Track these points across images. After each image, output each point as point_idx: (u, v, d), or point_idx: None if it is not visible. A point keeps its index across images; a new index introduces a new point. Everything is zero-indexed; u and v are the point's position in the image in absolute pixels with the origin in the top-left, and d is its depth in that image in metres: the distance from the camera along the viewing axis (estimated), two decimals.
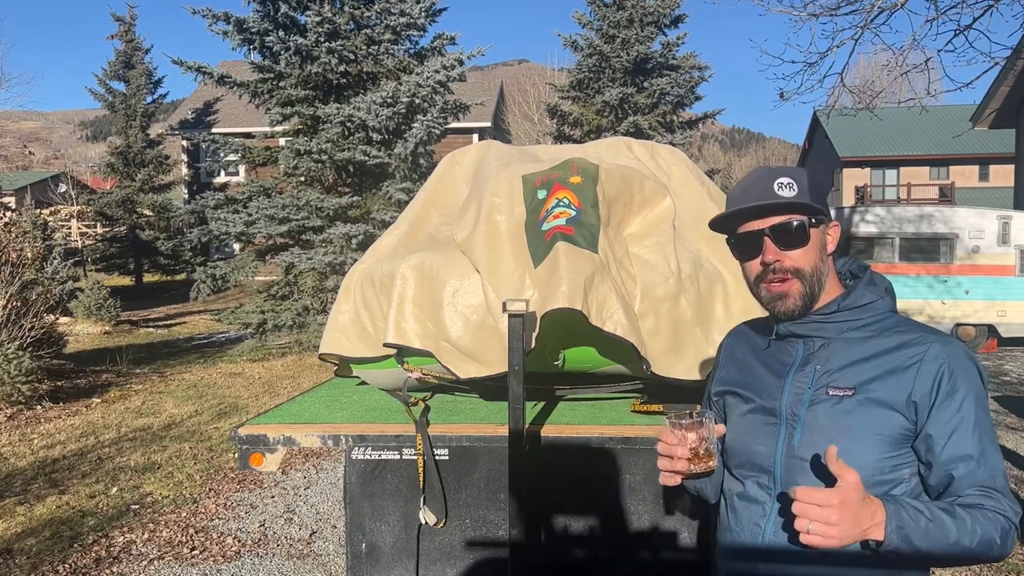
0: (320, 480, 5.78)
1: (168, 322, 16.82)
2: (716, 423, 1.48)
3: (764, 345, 1.54)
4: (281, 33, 11.23)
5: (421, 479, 2.59)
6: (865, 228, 12.00)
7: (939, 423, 1.33)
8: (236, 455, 3.46)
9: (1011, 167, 18.19)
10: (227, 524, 4.89)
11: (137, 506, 5.17)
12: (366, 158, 11.16)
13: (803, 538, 1.23)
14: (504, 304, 2.33)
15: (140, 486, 5.57)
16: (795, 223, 1.40)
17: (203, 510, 5.12)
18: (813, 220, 1.41)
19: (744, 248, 1.46)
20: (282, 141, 12.35)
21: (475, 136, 22.35)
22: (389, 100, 11.12)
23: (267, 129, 12.53)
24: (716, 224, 1.51)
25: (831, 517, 1.20)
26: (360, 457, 2.68)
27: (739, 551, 1.48)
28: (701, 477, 1.48)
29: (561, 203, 2.62)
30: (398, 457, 2.66)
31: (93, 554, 4.38)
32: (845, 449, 1.28)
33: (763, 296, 1.45)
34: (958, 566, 1.36)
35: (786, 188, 1.40)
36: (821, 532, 1.21)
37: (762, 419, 1.46)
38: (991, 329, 11.80)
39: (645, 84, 16.36)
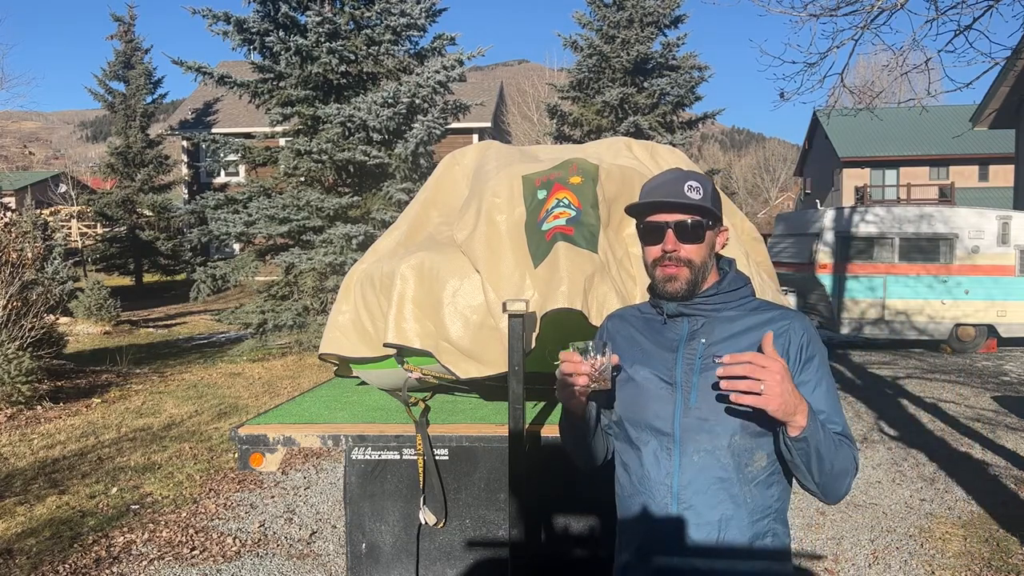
0: (320, 480, 5.78)
1: (168, 322, 16.82)
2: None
3: (648, 326, 1.75)
4: (281, 33, 11.23)
5: (421, 479, 2.59)
6: (865, 228, 12.00)
7: (803, 382, 1.59)
8: (236, 455, 3.46)
9: (1011, 167, 18.19)
10: (227, 524, 4.89)
11: (137, 506, 5.17)
12: (366, 158, 11.16)
13: (749, 400, 1.45)
14: (504, 304, 2.34)
15: (140, 486, 5.57)
16: (694, 222, 1.65)
17: (203, 510, 5.12)
18: (709, 223, 1.67)
19: (649, 235, 1.68)
20: (282, 141, 12.35)
21: (475, 136, 22.36)
22: (389, 100, 11.12)
23: (267, 129, 12.53)
24: (630, 210, 1.74)
25: (775, 375, 1.44)
26: (360, 457, 2.68)
27: (652, 510, 1.69)
28: (599, 395, 1.69)
29: (561, 203, 2.62)
30: (398, 457, 2.66)
31: (93, 554, 4.38)
32: (730, 406, 1.53)
33: (657, 276, 1.68)
34: (821, 482, 1.56)
35: (694, 191, 1.65)
36: (759, 389, 1.44)
37: (657, 387, 1.67)
38: (991, 329, 11.79)
39: (645, 84, 16.36)
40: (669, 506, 1.64)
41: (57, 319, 10.37)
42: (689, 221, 1.64)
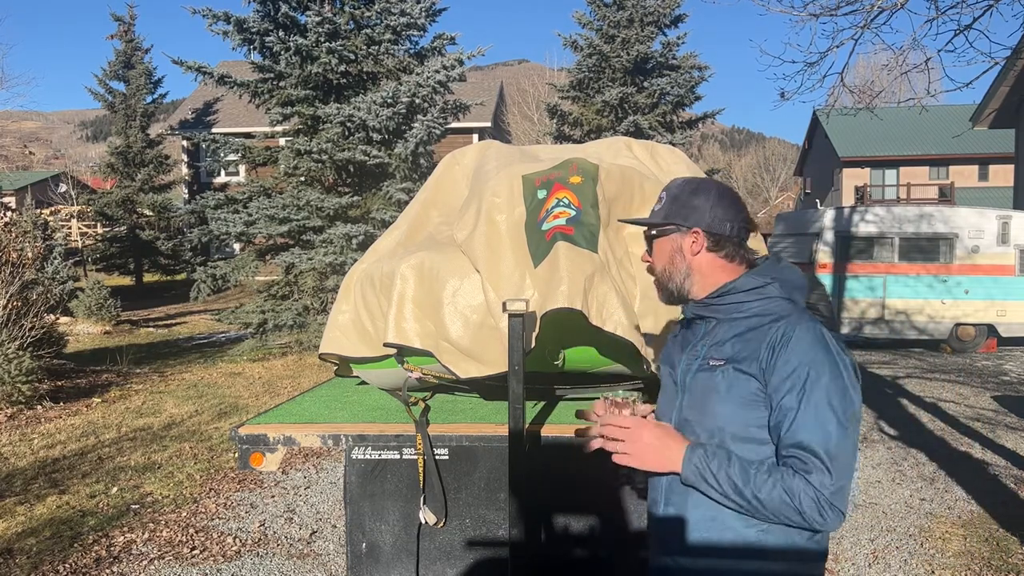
0: (320, 480, 5.78)
1: (168, 322, 16.82)
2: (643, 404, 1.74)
3: (684, 328, 1.81)
4: (281, 33, 11.23)
5: (421, 479, 2.59)
6: (865, 228, 12.00)
7: (774, 385, 1.52)
8: (236, 455, 3.46)
9: (1011, 167, 18.18)
10: (227, 524, 4.89)
11: (137, 506, 5.17)
12: (366, 158, 11.16)
13: (617, 458, 1.59)
14: (504, 304, 2.34)
15: (140, 486, 5.58)
16: (646, 236, 1.78)
17: (203, 510, 5.13)
18: (653, 232, 1.74)
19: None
20: (282, 141, 12.35)
21: (475, 136, 22.35)
22: (389, 100, 11.11)
23: (267, 129, 12.53)
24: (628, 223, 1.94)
25: (622, 435, 1.57)
26: (360, 457, 2.69)
27: (651, 502, 1.74)
28: None
29: (561, 203, 2.62)
30: (398, 457, 2.66)
31: (93, 554, 4.38)
32: (714, 410, 1.58)
33: None
34: (777, 521, 1.49)
35: (658, 203, 1.75)
36: (621, 449, 1.58)
37: (669, 387, 1.76)
38: (991, 329, 11.79)
39: (645, 84, 16.36)
40: (659, 504, 1.68)
41: (57, 319, 10.37)
42: (645, 235, 1.78)
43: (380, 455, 2.67)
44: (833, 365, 1.50)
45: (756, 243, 3.45)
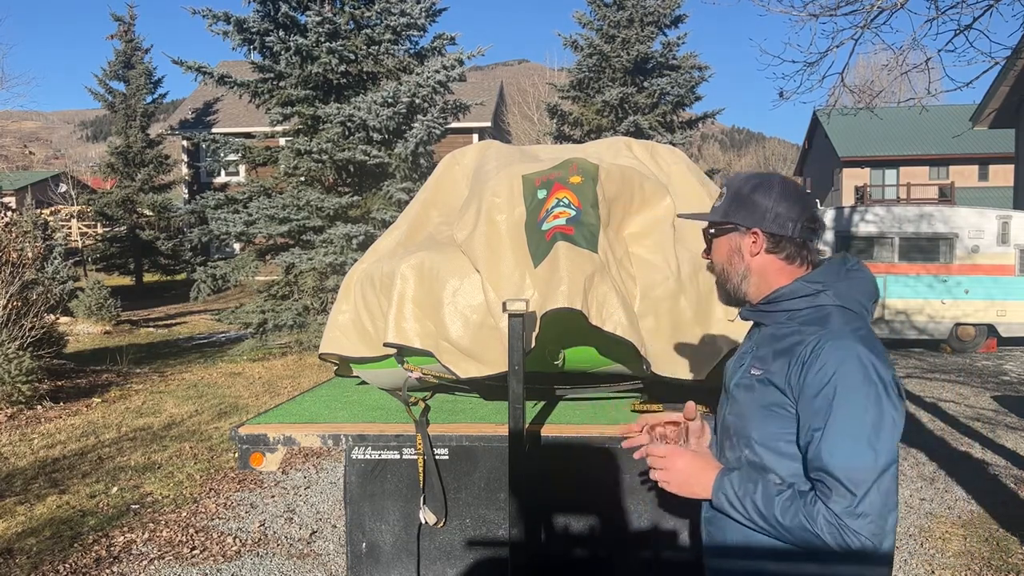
0: (320, 480, 5.78)
1: (168, 322, 16.82)
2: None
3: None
4: (281, 33, 11.23)
5: (421, 479, 2.59)
6: (865, 228, 12.00)
7: (803, 405, 1.47)
8: (236, 455, 3.46)
9: (1011, 167, 18.18)
10: (227, 524, 4.89)
11: (137, 506, 5.17)
12: (366, 158, 11.16)
13: (660, 484, 1.64)
14: (504, 304, 2.34)
15: (140, 486, 5.58)
16: (704, 233, 1.73)
17: (203, 510, 5.13)
18: (713, 231, 1.69)
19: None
20: (282, 141, 12.35)
21: (475, 136, 22.35)
22: (389, 100, 11.11)
23: (267, 129, 12.53)
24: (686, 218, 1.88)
25: (659, 463, 1.63)
26: (360, 457, 2.69)
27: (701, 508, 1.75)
28: None
29: (561, 203, 2.62)
30: (398, 457, 2.66)
31: (93, 554, 4.38)
32: (748, 420, 1.58)
33: None
34: (801, 546, 1.44)
35: (719, 198, 1.69)
36: (660, 477, 1.63)
37: (722, 393, 1.77)
38: (991, 329, 11.79)
39: (645, 84, 16.35)
40: (703, 506, 1.70)
41: (57, 319, 10.37)
42: (703, 232, 1.73)
43: (380, 455, 2.67)
44: (866, 384, 1.42)
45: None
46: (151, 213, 23.56)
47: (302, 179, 11.61)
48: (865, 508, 1.37)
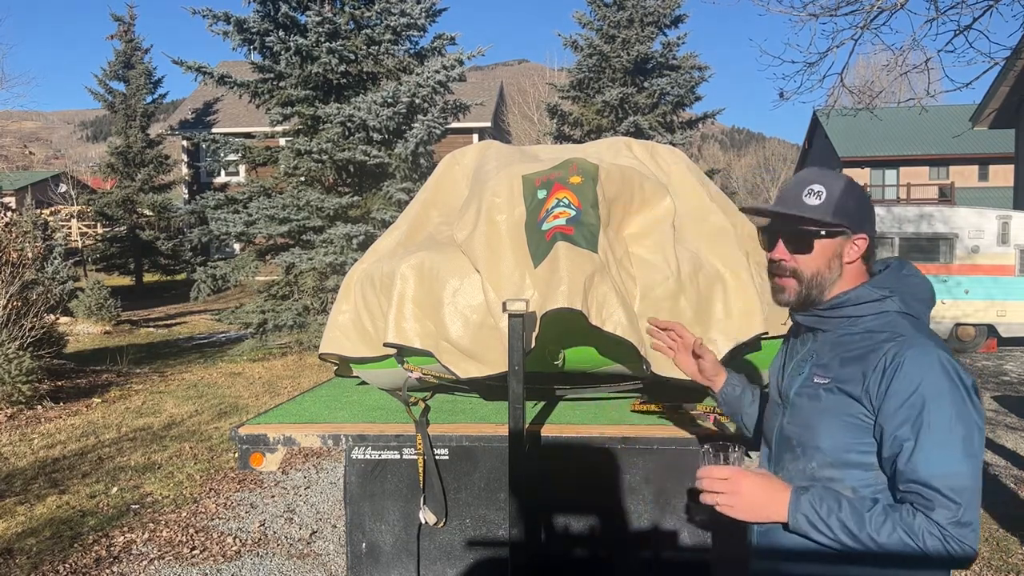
0: (320, 480, 5.78)
1: (168, 322, 16.82)
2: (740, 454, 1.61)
3: (793, 336, 1.74)
4: (281, 33, 11.23)
5: (421, 479, 2.59)
6: None
7: (887, 414, 1.41)
8: (236, 455, 3.46)
9: (1011, 167, 18.18)
10: (227, 524, 4.89)
11: (137, 506, 5.17)
12: (366, 158, 11.16)
13: (719, 509, 1.48)
14: (504, 304, 2.34)
15: (140, 486, 5.58)
16: (805, 233, 1.54)
17: (203, 510, 5.13)
18: (823, 232, 1.53)
19: (764, 241, 1.64)
20: (282, 141, 12.35)
21: (475, 136, 22.35)
22: (389, 100, 11.11)
23: (267, 129, 12.53)
24: (747, 213, 1.70)
25: (722, 487, 1.46)
26: (360, 457, 2.69)
27: None
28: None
29: (561, 203, 2.62)
30: (398, 457, 2.66)
31: (93, 554, 4.38)
32: (816, 431, 1.51)
33: (771, 285, 1.63)
34: (895, 563, 1.39)
35: (814, 196, 1.53)
36: (723, 502, 1.47)
37: (774, 401, 1.70)
38: (991, 329, 11.79)
39: (645, 84, 16.36)
40: None
41: (57, 319, 10.37)
42: (799, 230, 1.54)
43: (380, 455, 2.67)
44: (953, 391, 1.38)
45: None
46: (151, 213, 23.56)
47: (302, 179, 11.61)
48: (970, 517, 1.34)
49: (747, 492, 1.46)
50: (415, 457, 2.61)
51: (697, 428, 2.57)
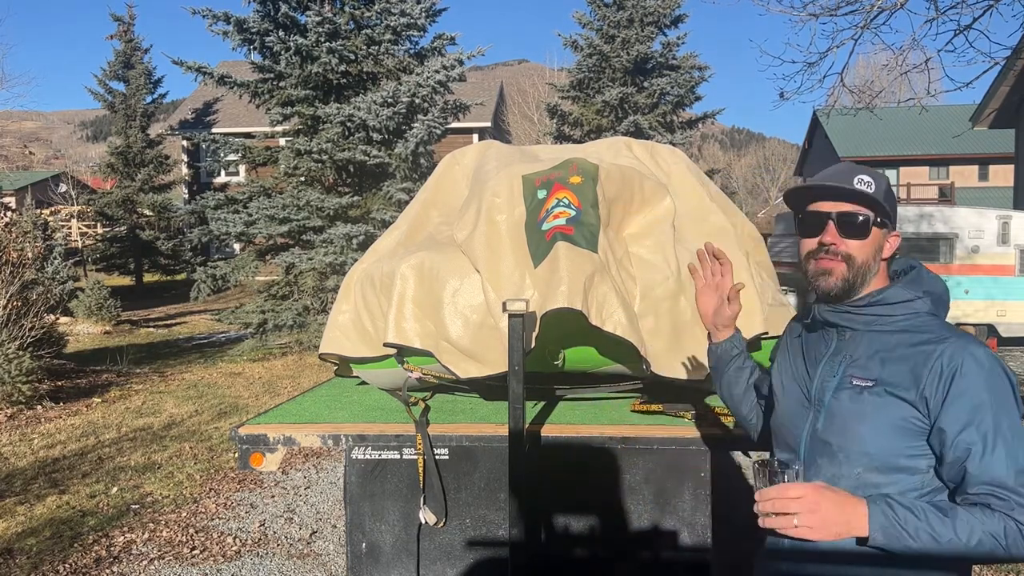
0: (320, 480, 5.78)
1: (168, 322, 16.82)
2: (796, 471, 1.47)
3: (806, 332, 1.65)
4: (281, 33, 11.23)
5: (421, 479, 2.59)
6: None
7: (950, 417, 1.38)
8: (236, 455, 3.47)
9: (1011, 167, 18.18)
10: (227, 524, 4.89)
11: (137, 506, 5.17)
12: (366, 158, 11.16)
13: (792, 532, 1.35)
14: (504, 304, 2.34)
15: (140, 486, 5.58)
16: (861, 216, 1.50)
17: (203, 510, 5.13)
18: (878, 219, 1.51)
19: (809, 225, 1.54)
20: (282, 141, 12.35)
21: (475, 136, 22.35)
22: (389, 100, 11.12)
23: (267, 129, 12.53)
24: (791, 197, 1.60)
25: (809, 505, 1.33)
26: (360, 457, 2.69)
27: None
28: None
29: (561, 203, 2.62)
30: (398, 457, 2.66)
31: (93, 554, 4.38)
32: (861, 435, 1.44)
33: (809, 270, 1.54)
34: (975, 563, 1.43)
35: (865, 184, 1.50)
36: (803, 523, 1.33)
37: (797, 403, 1.59)
38: (991, 329, 11.78)
39: (645, 84, 16.36)
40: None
41: (57, 319, 10.37)
42: (854, 213, 1.49)
43: (380, 455, 2.67)
44: (1011, 391, 1.39)
45: (759, 246, 3.45)
46: (151, 213, 23.56)
47: (302, 179, 11.61)
48: None
49: (827, 509, 1.34)
50: (415, 457, 2.61)
51: (697, 428, 2.57)
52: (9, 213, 12.49)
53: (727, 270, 1.81)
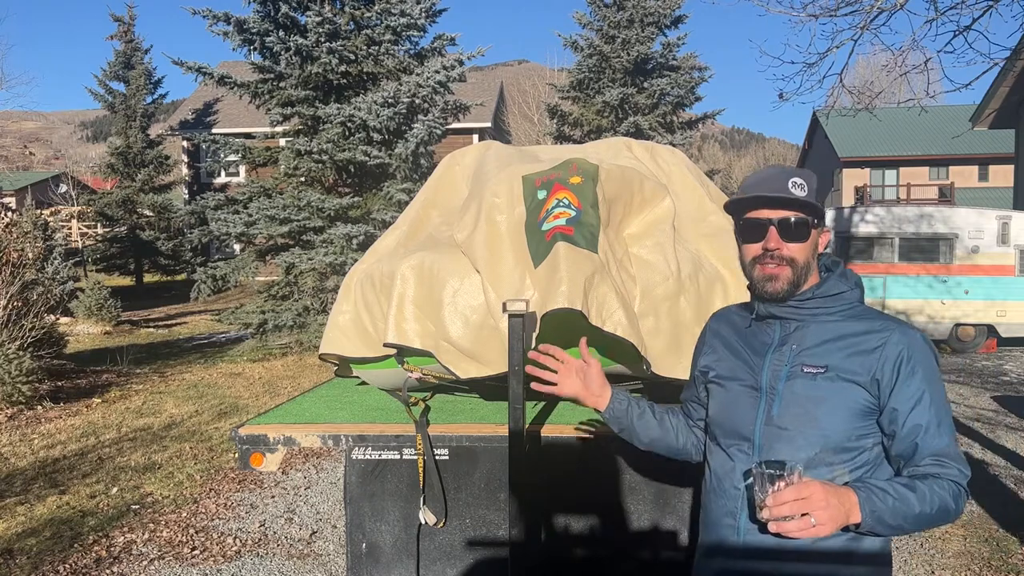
0: (320, 480, 5.78)
1: (168, 322, 16.82)
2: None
3: (745, 326, 1.74)
4: (281, 33, 11.23)
5: (421, 479, 2.59)
6: (865, 228, 12.00)
7: (902, 398, 1.53)
8: (236, 455, 3.47)
9: (1011, 167, 18.19)
10: (227, 524, 4.89)
11: (137, 506, 5.17)
12: (367, 158, 11.16)
13: (809, 532, 1.40)
14: (504, 304, 2.34)
15: (140, 486, 5.58)
16: (799, 220, 1.59)
17: (203, 510, 5.13)
18: (814, 221, 1.61)
19: (750, 232, 1.64)
20: (282, 141, 12.36)
21: (475, 136, 22.35)
22: (390, 100, 11.12)
23: (267, 129, 12.53)
24: (730, 206, 1.68)
25: (819, 503, 1.39)
26: (360, 457, 2.69)
27: (723, 513, 1.66)
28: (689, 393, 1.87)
29: (561, 203, 2.62)
30: (398, 457, 2.66)
31: (93, 554, 4.38)
32: (818, 418, 1.54)
33: (756, 276, 1.64)
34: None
35: (799, 188, 1.59)
36: (817, 519, 1.39)
37: (745, 393, 1.66)
38: (991, 329, 11.79)
39: (645, 84, 16.37)
40: (737, 512, 1.63)
41: (57, 319, 10.37)
42: (793, 218, 1.59)
43: (380, 455, 2.68)
44: (939, 370, 1.58)
45: None
46: (151, 213, 23.56)
47: (302, 179, 11.62)
48: (967, 471, 1.53)
49: (832, 505, 1.41)
50: (415, 457, 2.61)
51: None
52: (9, 213, 12.49)
53: (560, 353, 1.89)
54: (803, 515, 1.39)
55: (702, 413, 1.82)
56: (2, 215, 11.37)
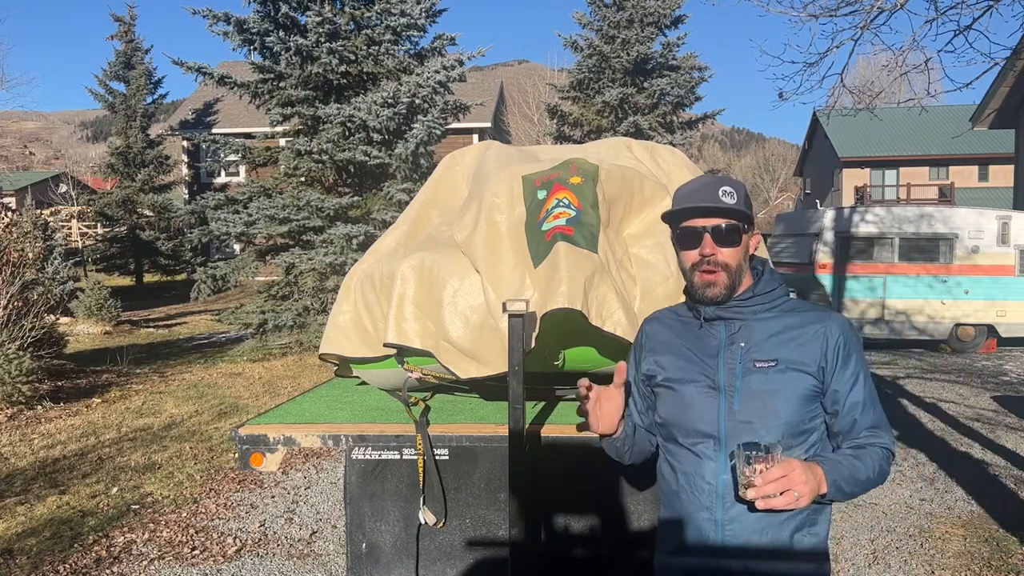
0: (320, 480, 5.78)
1: (168, 322, 16.82)
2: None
3: (686, 329, 1.80)
4: (281, 33, 11.23)
5: (421, 479, 2.59)
6: (865, 228, 12.00)
7: (842, 380, 1.68)
8: (236, 455, 3.47)
9: (1011, 167, 18.19)
10: (227, 524, 4.89)
11: (137, 506, 5.17)
12: (367, 158, 11.16)
13: (792, 504, 1.52)
14: (504, 304, 2.34)
15: (140, 486, 5.58)
16: (730, 226, 1.69)
17: (203, 510, 5.13)
18: (745, 226, 1.71)
19: (686, 240, 1.73)
20: (282, 141, 12.36)
21: (475, 136, 22.35)
22: (389, 100, 11.12)
23: (267, 129, 12.53)
24: (666, 217, 1.78)
25: (799, 478, 1.52)
26: (360, 457, 2.69)
27: (697, 508, 1.72)
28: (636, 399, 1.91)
29: (561, 203, 2.62)
30: (398, 457, 2.66)
31: (93, 554, 4.38)
32: (776, 408, 1.66)
33: (695, 282, 1.72)
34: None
35: (728, 196, 1.69)
36: (800, 492, 1.52)
37: (703, 393, 1.72)
38: (991, 329, 11.79)
39: (645, 84, 16.37)
40: (714, 507, 1.69)
41: (57, 319, 10.37)
42: (724, 225, 1.68)
43: (380, 455, 2.68)
44: (863, 353, 1.75)
45: (758, 246, 3.45)
46: (151, 213, 23.56)
47: (302, 179, 11.61)
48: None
49: (808, 479, 1.54)
50: (415, 457, 2.61)
51: None
52: (9, 213, 12.49)
53: (594, 387, 1.81)
54: (789, 491, 1.52)
55: (650, 417, 1.87)
56: (2, 215, 11.37)
